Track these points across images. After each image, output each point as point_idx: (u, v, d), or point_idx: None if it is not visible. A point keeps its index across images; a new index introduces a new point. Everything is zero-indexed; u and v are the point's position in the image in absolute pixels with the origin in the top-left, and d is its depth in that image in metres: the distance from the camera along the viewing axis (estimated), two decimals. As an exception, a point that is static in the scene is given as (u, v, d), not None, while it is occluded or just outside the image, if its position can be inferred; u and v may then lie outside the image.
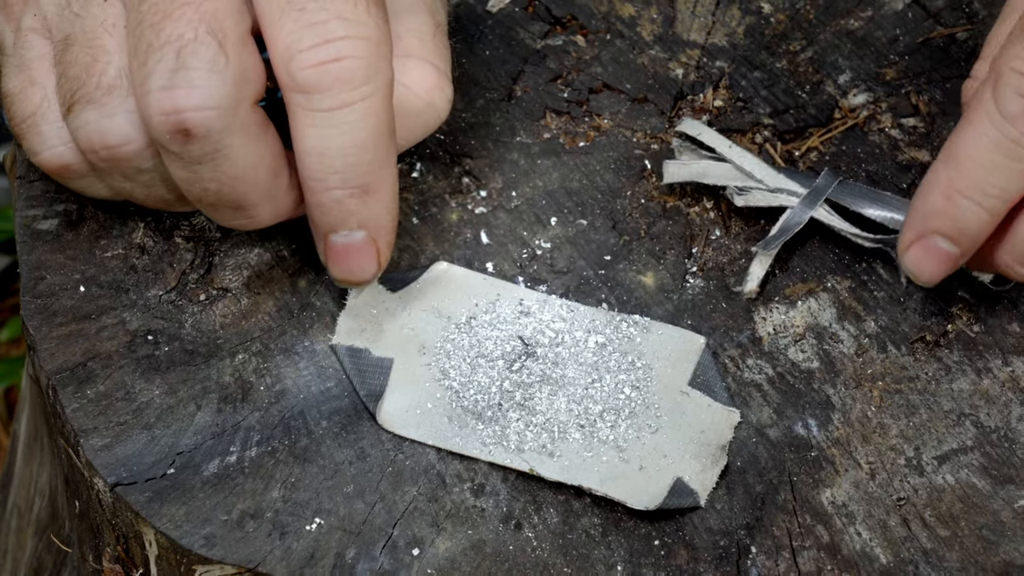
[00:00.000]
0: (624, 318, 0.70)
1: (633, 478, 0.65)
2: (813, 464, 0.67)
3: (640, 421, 0.67)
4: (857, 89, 0.79)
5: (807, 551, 0.64)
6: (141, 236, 0.70)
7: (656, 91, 0.78)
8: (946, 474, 0.67)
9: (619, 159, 0.76)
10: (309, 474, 0.64)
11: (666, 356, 0.69)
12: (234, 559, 0.62)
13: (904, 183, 0.75)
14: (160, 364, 0.67)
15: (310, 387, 0.67)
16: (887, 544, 0.65)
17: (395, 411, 0.66)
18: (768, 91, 0.79)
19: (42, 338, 0.67)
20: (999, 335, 0.71)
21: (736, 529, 0.65)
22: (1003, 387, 0.69)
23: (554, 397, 0.67)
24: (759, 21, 0.81)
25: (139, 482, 0.63)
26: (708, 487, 0.66)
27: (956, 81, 0.79)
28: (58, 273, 0.69)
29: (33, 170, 0.72)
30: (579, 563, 0.63)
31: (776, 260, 0.73)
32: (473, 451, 0.65)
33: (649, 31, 0.81)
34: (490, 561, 0.63)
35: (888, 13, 0.81)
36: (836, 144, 0.77)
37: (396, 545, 0.63)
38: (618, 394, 0.67)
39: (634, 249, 0.73)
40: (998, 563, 0.64)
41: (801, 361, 0.70)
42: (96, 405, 0.65)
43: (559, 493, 0.65)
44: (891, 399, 0.69)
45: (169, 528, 0.62)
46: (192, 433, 0.65)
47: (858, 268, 0.73)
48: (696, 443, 0.66)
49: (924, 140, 0.77)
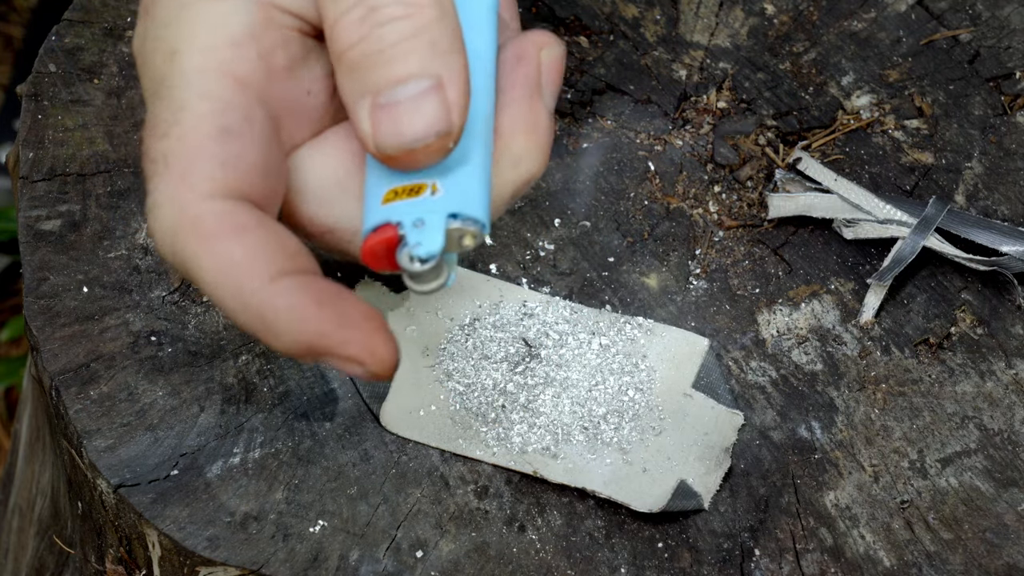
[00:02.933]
0: (628, 320, 0.70)
1: (637, 480, 0.65)
2: (817, 467, 0.67)
3: (644, 423, 0.67)
4: (860, 91, 0.79)
5: (811, 554, 0.64)
6: (144, 237, 0.70)
7: (659, 92, 0.78)
8: (950, 477, 0.67)
9: (622, 160, 0.76)
10: (312, 476, 0.64)
11: (670, 358, 0.69)
12: (237, 561, 0.62)
13: (907, 184, 0.75)
14: (163, 365, 0.67)
15: (313, 389, 0.67)
16: (891, 547, 0.65)
17: (398, 413, 0.66)
18: (771, 92, 0.79)
19: (45, 339, 0.67)
20: (1003, 338, 0.71)
21: (740, 532, 0.65)
22: (1007, 390, 0.69)
23: (557, 399, 0.67)
24: (762, 23, 0.81)
25: (142, 483, 0.63)
26: (712, 489, 0.65)
27: (959, 83, 0.79)
28: (61, 274, 0.69)
29: (36, 170, 0.72)
30: (583, 566, 0.63)
31: (780, 263, 0.73)
32: (476, 453, 0.65)
33: (652, 32, 0.81)
34: (493, 563, 0.63)
35: (891, 15, 0.81)
36: (839, 146, 0.77)
37: (400, 547, 0.63)
38: (622, 396, 0.67)
39: (637, 251, 0.73)
40: (1002, 566, 0.64)
41: (805, 363, 0.70)
42: (99, 406, 0.65)
43: (563, 495, 0.65)
44: (895, 402, 0.69)
45: (172, 530, 0.62)
46: (195, 434, 0.65)
47: (862, 270, 0.73)
48: (700, 445, 0.66)
49: (927, 142, 0.77)
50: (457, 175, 0.55)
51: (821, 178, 0.73)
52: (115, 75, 0.75)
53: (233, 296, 0.53)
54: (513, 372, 0.67)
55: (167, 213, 0.53)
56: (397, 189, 0.54)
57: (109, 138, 0.73)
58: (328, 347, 0.53)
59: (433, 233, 0.53)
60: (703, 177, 0.76)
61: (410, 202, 0.54)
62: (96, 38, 0.76)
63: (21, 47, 1.68)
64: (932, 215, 0.72)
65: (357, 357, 0.54)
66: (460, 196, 0.54)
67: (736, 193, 0.75)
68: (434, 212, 0.54)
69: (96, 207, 0.71)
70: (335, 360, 0.54)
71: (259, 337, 0.54)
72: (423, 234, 0.54)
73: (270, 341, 0.54)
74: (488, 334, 0.68)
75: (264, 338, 0.54)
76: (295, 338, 0.53)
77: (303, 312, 0.53)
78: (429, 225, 0.53)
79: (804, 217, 0.74)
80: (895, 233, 0.72)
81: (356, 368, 0.54)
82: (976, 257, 0.71)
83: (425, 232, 0.54)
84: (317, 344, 0.53)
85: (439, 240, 0.53)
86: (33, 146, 0.72)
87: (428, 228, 0.53)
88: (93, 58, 0.75)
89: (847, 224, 0.73)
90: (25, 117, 0.74)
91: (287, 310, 0.53)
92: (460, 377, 0.67)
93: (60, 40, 0.76)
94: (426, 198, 0.54)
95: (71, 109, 0.74)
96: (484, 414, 0.66)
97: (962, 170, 0.76)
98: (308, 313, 0.53)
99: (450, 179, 0.55)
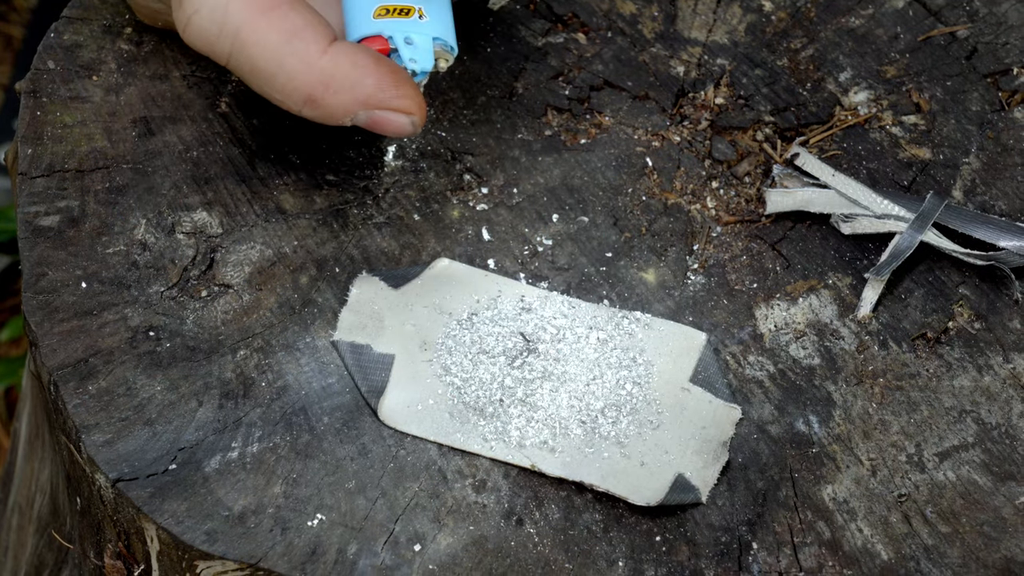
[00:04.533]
0: (625, 315, 0.70)
1: (634, 474, 0.65)
2: (814, 461, 0.67)
3: (641, 417, 0.67)
4: (858, 87, 0.79)
5: (808, 547, 0.64)
6: (143, 232, 0.70)
7: (657, 88, 0.79)
8: (947, 470, 0.67)
9: (620, 156, 0.76)
10: (311, 470, 0.64)
11: (667, 352, 0.69)
12: (236, 555, 0.62)
13: (905, 180, 0.75)
14: (162, 360, 0.67)
15: (312, 383, 0.67)
16: (888, 540, 0.65)
17: (396, 407, 0.66)
18: (769, 89, 0.79)
19: (44, 334, 0.67)
20: (1000, 332, 0.71)
21: (737, 525, 0.65)
22: (1004, 384, 0.69)
23: (555, 393, 0.67)
24: (760, 19, 0.81)
25: (140, 478, 0.63)
26: (709, 483, 0.66)
27: (957, 79, 0.79)
28: (60, 269, 0.69)
29: (35, 167, 0.72)
30: (580, 559, 0.63)
31: (778, 258, 0.73)
32: (474, 447, 0.65)
33: (650, 29, 0.81)
34: (491, 557, 0.63)
35: (889, 11, 0.81)
36: (837, 142, 0.77)
37: (398, 541, 0.63)
38: (619, 390, 0.67)
39: (635, 246, 0.73)
40: (999, 559, 0.64)
41: (802, 358, 0.70)
42: (97, 401, 0.65)
43: (560, 489, 0.65)
44: (892, 396, 0.69)
45: (171, 524, 0.62)
46: (194, 429, 0.65)
47: (859, 265, 0.73)
48: (697, 439, 0.66)
49: (925, 137, 0.77)
50: (435, 5, 0.66)
51: (819, 173, 0.74)
52: (113, 72, 0.75)
53: (300, 59, 0.62)
54: (511, 366, 0.67)
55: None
56: (388, 7, 0.65)
57: (107, 134, 0.73)
58: (384, 100, 0.63)
59: (425, 52, 0.65)
60: (701, 173, 0.76)
61: (400, 21, 0.65)
62: (95, 35, 0.76)
63: (21, 47, 1.68)
64: (929, 210, 0.72)
65: (408, 108, 0.64)
66: (440, 24, 0.66)
67: (734, 189, 0.75)
68: (422, 34, 0.65)
69: (94, 203, 0.71)
70: (384, 113, 0.63)
71: (315, 98, 0.62)
72: (415, 52, 0.65)
73: (329, 99, 0.62)
74: (486, 329, 0.68)
75: (323, 97, 0.62)
76: (356, 93, 0.62)
77: (366, 69, 0.62)
78: (419, 45, 0.65)
79: (802, 212, 0.74)
80: (893, 228, 0.72)
81: (403, 120, 0.63)
82: (974, 252, 0.71)
83: (417, 51, 0.65)
84: (375, 97, 0.62)
85: (430, 59, 0.65)
86: (32, 142, 0.72)
87: (419, 48, 0.65)
88: (92, 55, 0.76)
89: (845, 219, 0.73)
90: (24, 114, 0.74)
91: (352, 67, 0.62)
92: (458, 371, 0.67)
93: (59, 37, 0.76)
94: (415, 21, 0.65)
95: (70, 106, 0.74)
96: (482, 408, 0.66)
97: (960, 166, 0.76)
98: (370, 70, 0.62)
99: (432, 7, 0.66)
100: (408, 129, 0.64)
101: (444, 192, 0.74)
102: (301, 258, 0.71)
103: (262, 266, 0.70)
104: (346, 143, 0.74)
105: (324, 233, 0.71)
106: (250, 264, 0.70)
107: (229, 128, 0.74)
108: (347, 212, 0.72)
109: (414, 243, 0.72)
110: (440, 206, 0.73)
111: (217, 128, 0.74)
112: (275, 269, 0.70)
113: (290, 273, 0.70)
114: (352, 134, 0.75)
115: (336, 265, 0.70)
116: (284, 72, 0.62)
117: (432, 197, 0.74)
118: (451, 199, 0.74)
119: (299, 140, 0.74)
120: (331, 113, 0.64)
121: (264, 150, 0.74)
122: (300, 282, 0.70)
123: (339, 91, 0.62)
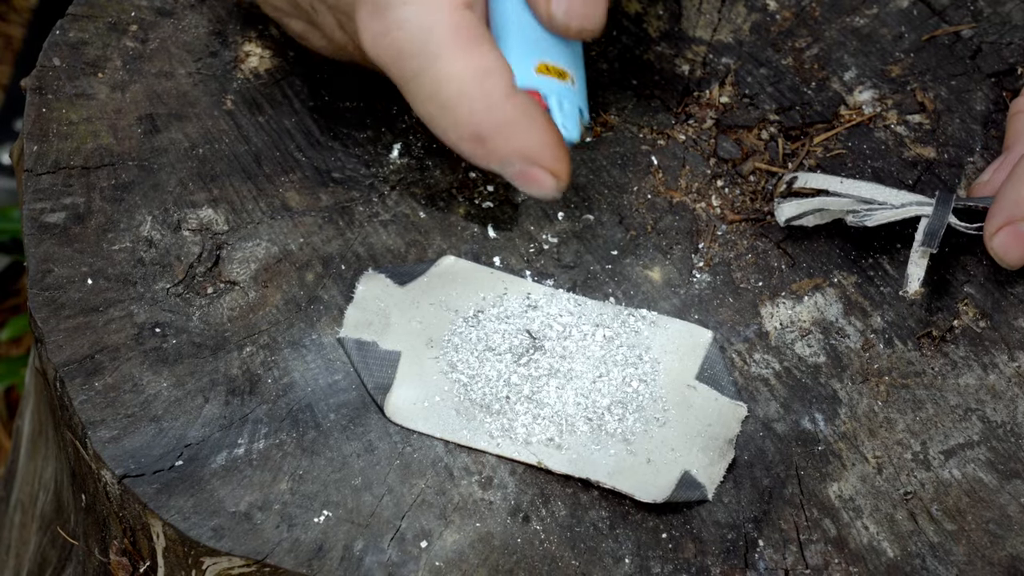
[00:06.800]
0: (631, 312, 0.70)
1: (641, 471, 0.65)
2: (820, 458, 0.67)
3: (647, 414, 0.67)
4: (863, 86, 0.79)
5: (814, 544, 0.64)
6: (148, 229, 0.70)
7: (662, 87, 0.79)
8: (953, 468, 0.67)
9: (625, 155, 0.76)
10: (317, 466, 0.64)
11: (673, 350, 0.69)
12: (242, 551, 0.62)
13: (910, 179, 0.76)
14: (168, 357, 0.67)
15: (317, 380, 0.67)
16: (894, 538, 0.65)
17: (403, 404, 0.66)
18: (774, 88, 0.79)
19: (50, 330, 0.67)
20: (1005, 330, 0.71)
21: (743, 522, 0.65)
22: (1009, 382, 0.69)
23: (562, 390, 0.67)
24: (765, 18, 0.81)
25: (147, 474, 0.63)
26: (715, 480, 0.66)
27: (961, 78, 0.79)
28: (66, 266, 0.69)
29: (41, 164, 0.72)
30: (587, 556, 0.63)
31: (783, 256, 0.73)
32: (481, 444, 0.65)
33: (655, 28, 0.81)
34: (498, 554, 0.63)
35: (893, 10, 0.82)
36: (842, 140, 0.77)
37: (404, 537, 0.63)
38: (625, 387, 0.67)
39: (641, 244, 0.73)
40: (1005, 557, 0.64)
41: (808, 356, 0.70)
42: (104, 397, 0.65)
43: (567, 486, 0.65)
44: (897, 394, 0.69)
45: (177, 520, 0.62)
46: (200, 425, 0.65)
47: (864, 264, 0.73)
48: (703, 437, 0.66)
49: (929, 136, 0.77)
50: (580, 74, 0.69)
51: (826, 186, 0.72)
52: (119, 69, 0.75)
53: (486, 99, 0.62)
54: (517, 363, 0.67)
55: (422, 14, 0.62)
56: (548, 65, 0.67)
57: (113, 132, 0.73)
58: (541, 158, 0.64)
59: (573, 121, 0.67)
60: (706, 171, 0.76)
61: (557, 84, 0.67)
62: (100, 32, 0.76)
63: (21, 47, 1.68)
64: (946, 196, 0.71)
65: (560, 173, 0.65)
66: (583, 95, 0.68)
67: (739, 187, 0.75)
68: (572, 102, 0.67)
69: (100, 200, 0.71)
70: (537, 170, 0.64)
71: (484, 138, 0.63)
72: (567, 119, 0.67)
73: (497, 142, 0.63)
74: (492, 326, 0.69)
75: (492, 139, 0.63)
76: (522, 144, 0.63)
77: (538, 124, 0.63)
78: (567, 113, 0.67)
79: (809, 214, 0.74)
80: (916, 212, 0.71)
81: (551, 182, 0.64)
82: (965, 222, 0.71)
83: (568, 118, 0.67)
84: (538, 153, 0.64)
85: (577, 130, 0.67)
86: (37, 139, 0.72)
87: (568, 115, 0.67)
88: (97, 52, 0.76)
89: (864, 213, 0.71)
90: (29, 111, 0.74)
91: (527, 119, 0.63)
92: (464, 368, 0.67)
93: (64, 34, 0.76)
94: (568, 87, 0.67)
95: (75, 103, 0.74)
96: (488, 405, 0.66)
97: (964, 165, 0.76)
98: (541, 126, 0.64)
99: (579, 76, 0.68)
100: (552, 192, 0.65)
101: (450, 189, 0.74)
102: (307, 255, 0.71)
103: (268, 263, 0.70)
104: (352, 141, 0.74)
105: (330, 230, 0.71)
106: (256, 261, 0.70)
107: (235, 125, 0.74)
108: (353, 209, 0.72)
109: (420, 240, 0.72)
110: (446, 203, 0.73)
111: (223, 125, 0.74)
112: (281, 266, 0.70)
113: (296, 270, 0.70)
114: (359, 130, 0.75)
115: (342, 262, 0.70)
116: (467, 107, 0.62)
117: (438, 195, 0.74)
118: (457, 197, 0.74)
119: (305, 138, 0.74)
120: (491, 154, 0.64)
121: (270, 148, 0.74)
122: (306, 279, 0.70)
123: (509, 138, 0.63)
